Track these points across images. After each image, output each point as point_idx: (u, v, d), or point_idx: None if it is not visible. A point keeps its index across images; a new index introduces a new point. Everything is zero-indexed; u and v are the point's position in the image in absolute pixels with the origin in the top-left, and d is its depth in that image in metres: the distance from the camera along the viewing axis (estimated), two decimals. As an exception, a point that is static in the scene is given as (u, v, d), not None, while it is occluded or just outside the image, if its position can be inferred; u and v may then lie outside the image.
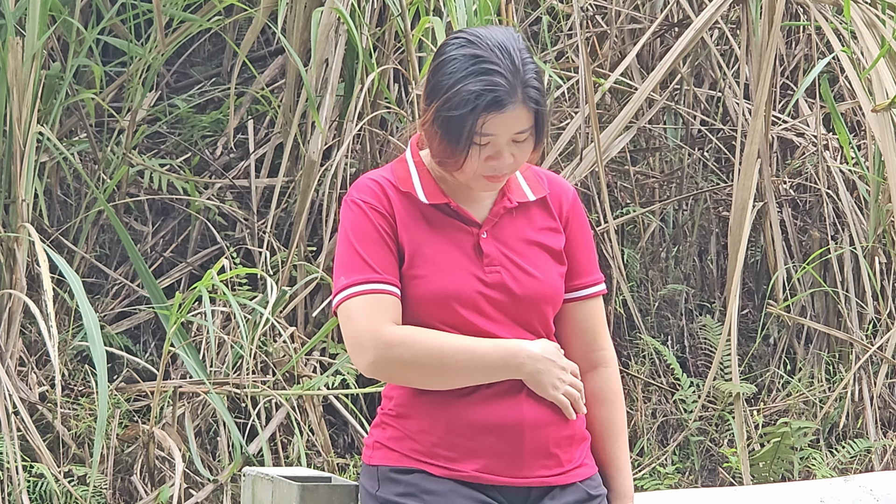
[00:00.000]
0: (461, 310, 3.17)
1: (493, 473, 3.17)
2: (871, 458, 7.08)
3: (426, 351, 3.13)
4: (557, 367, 3.18)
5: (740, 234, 6.83)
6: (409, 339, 3.13)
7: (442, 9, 6.54)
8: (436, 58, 3.19)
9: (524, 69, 3.13)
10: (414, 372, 3.14)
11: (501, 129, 3.13)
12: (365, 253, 3.17)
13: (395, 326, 3.14)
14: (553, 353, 3.19)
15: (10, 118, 6.06)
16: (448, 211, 3.22)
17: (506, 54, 3.13)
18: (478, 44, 3.14)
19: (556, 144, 7.13)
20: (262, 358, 6.32)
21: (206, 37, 7.76)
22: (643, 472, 6.83)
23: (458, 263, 3.19)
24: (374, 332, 3.12)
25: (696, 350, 7.58)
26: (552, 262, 3.26)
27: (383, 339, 3.12)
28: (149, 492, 5.96)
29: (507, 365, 3.15)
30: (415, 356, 3.12)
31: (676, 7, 7.94)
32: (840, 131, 7.28)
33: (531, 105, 3.13)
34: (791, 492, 3.88)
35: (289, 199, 6.94)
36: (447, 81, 3.13)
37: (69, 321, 6.37)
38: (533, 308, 3.22)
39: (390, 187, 3.22)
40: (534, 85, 3.14)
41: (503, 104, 3.11)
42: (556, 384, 3.18)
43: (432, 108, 3.14)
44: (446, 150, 3.15)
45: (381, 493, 3.19)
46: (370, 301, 3.14)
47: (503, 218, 3.25)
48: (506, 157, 3.15)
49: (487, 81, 3.10)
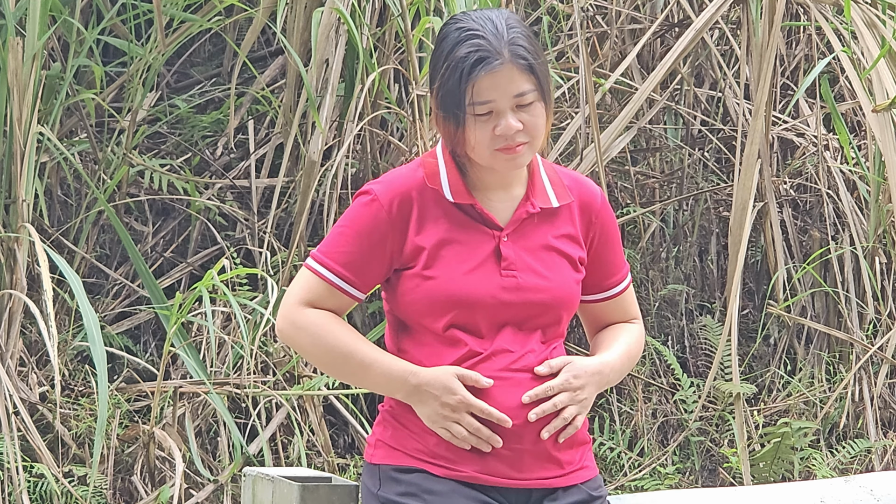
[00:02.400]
0: (473, 313, 3.16)
1: (493, 475, 3.17)
2: (871, 459, 7.08)
3: (322, 346, 3.21)
4: (439, 403, 3.15)
5: (740, 235, 6.83)
6: (313, 327, 3.21)
7: (442, 9, 6.54)
8: (434, 46, 3.22)
9: (508, 31, 3.14)
10: (311, 358, 3.30)
11: (496, 91, 3.12)
12: (350, 246, 3.20)
13: (310, 310, 3.21)
14: (438, 388, 3.15)
15: (10, 118, 6.06)
16: (472, 212, 3.21)
17: (488, 21, 3.15)
18: (464, 19, 3.18)
19: (556, 144, 7.13)
20: (262, 358, 6.32)
21: (206, 37, 7.76)
22: (643, 473, 6.83)
23: (475, 266, 3.18)
24: (292, 308, 3.23)
25: (697, 350, 7.58)
26: (569, 269, 3.25)
27: (292, 317, 3.23)
28: (149, 492, 5.96)
29: (388, 386, 3.20)
30: (313, 345, 3.22)
31: (677, 7, 7.94)
32: (840, 131, 7.28)
33: (520, 62, 3.12)
34: (791, 492, 3.88)
35: (289, 199, 6.94)
36: (440, 59, 3.17)
37: (69, 321, 6.37)
38: (547, 312, 3.21)
39: (418, 185, 3.22)
40: (519, 43, 3.13)
41: (489, 62, 3.10)
42: (434, 418, 3.16)
43: (434, 90, 3.17)
44: (451, 129, 3.15)
45: (382, 492, 3.19)
46: (318, 284, 3.22)
47: (525, 223, 3.23)
48: (511, 122, 3.13)
49: (471, 45, 3.12)
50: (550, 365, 3.18)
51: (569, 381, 3.18)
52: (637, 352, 3.37)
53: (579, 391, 3.19)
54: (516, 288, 3.18)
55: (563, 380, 3.18)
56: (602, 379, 3.24)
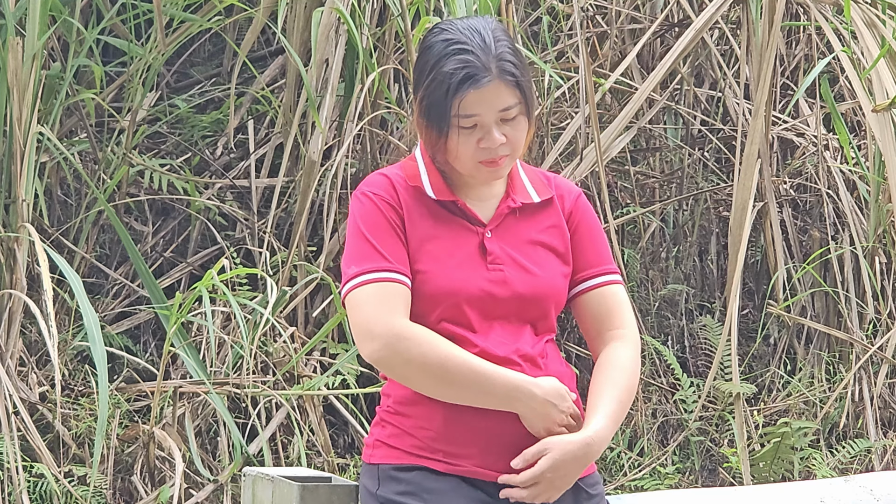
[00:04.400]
0: (463, 306, 3.17)
1: (492, 469, 3.17)
2: (871, 458, 7.08)
3: (433, 354, 3.11)
4: (557, 411, 3.16)
5: (740, 234, 6.83)
6: (419, 336, 3.12)
7: (442, 9, 6.54)
8: (418, 53, 3.22)
9: (496, 45, 3.15)
10: (415, 371, 3.13)
11: (482, 106, 3.13)
12: (377, 242, 3.17)
13: (408, 321, 3.13)
14: (556, 397, 3.16)
15: (10, 118, 6.06)
16: (454, 209, 3.23)
17: (476, 34, 3.15)
18: (450, 29, 3.18)
19: (556, 144, 7.13)
20: (262, 358, 6.32)
21: (206, 37, 7.76)
22: (643, 472, 6.83)
23: (461, 260, 3.20)
24: (386, 321, 3.11)
25: (697, 350, 7.58)
26: (556, 262, 3.27)
27: (394, 330, 3.10)
28: (149, 492, 5.96)
29: (509, 397, 3.13)
30: (421, 355, 3.11)
31: (676, 7, 7.94)
32: (840, 131, 7.28)
33: (507, 78, 3.14)
34: (791, 492, 3.88)
35: (289, 199, 6.94)
36: (425, 70, 3.16)
37: (69, 321, 6.37)
38: (535, 306, 3.23)
39: (400, 182, 3.23)
40: (507, 59, 3.15)
41: (477, 79, 3.11)
42: (551, 428, 3.16)
43: (418, 99, 3.17)
44: (433, 138, 3.17)
45: (381, 491, 3.19)
46: (381, 289, 3.13)
47: (507, 218, 3.26)
48: (496, 136, 3.15)
49: (459, 60, 3.12)
50: (525, 458, 3.12)
51: (544, 474, 3.12)
52: (632, 386, 3.27)
53: (554, 480, 3.13)
54: (503, 282, 3.20)
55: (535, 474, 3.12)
56: (588, 456, 3.16)
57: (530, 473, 3.11)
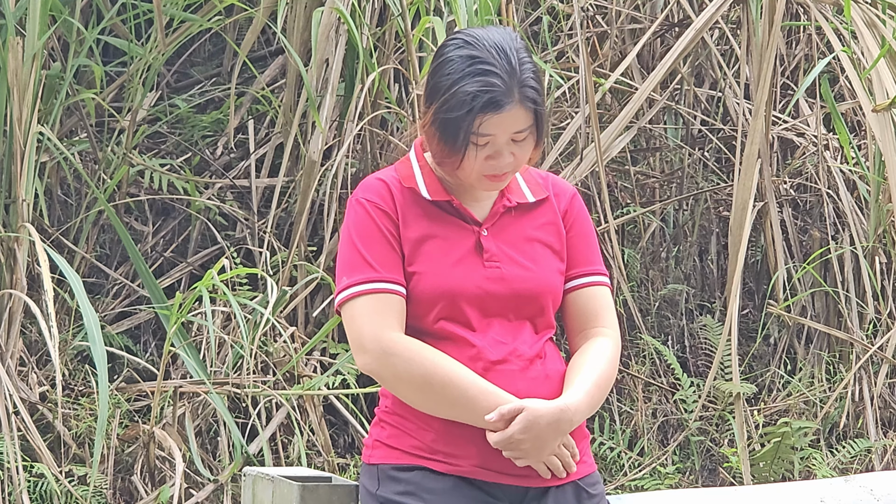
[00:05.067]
0: (461, 305, 3.18)
1: (491, 469, 3.17)
2: (871, 458, 7.08)
3: (419, 370, 3.12)
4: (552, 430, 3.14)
5: (740, 234, 6.83)
6: (407, 352, 3.13)
7: (442, 9, 6.54)
8: (434, 59, 3.21)
9: (521, 69, 3.14)
10: (402, 385, 3.15)
11: (499, 128, 3.14)
12: (368, 252, 3.18)
13: (399, 334, 3.14)
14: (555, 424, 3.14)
15: (10, 118, 6.06)
16: (450, 209, 3.24)
17: (502, 54, 3.14)
18: (475, 45, 3.15)
19: (556, 144, 7.14)
20: (262, 358, 6.32)
21: (206, 37, 7.76)
22: (643, 472, 6.83)
23: (458, 259, 3.20)
24: (375, 335, 3.13)
25: (697, 350, 7.58)
26: (552, 258, 3.28)
27: (382, 344, 3.13)
28: (149, 492, 5.96)
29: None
30: (407, 371, 3.12)
31: (677, 7, 7.94)
32: (840, 131, 7.28)
33: (528, 105, 3.15)
34: (791, 492, 3.88)
35: (289, 199, 6.94)
36: (445, 83, 3.14)
37: (69, 321, 6.37)
38: (532, 302, 3.23)
39: (395, 184, 3.24)
40: (531, 84, 3.15)
41: (500, 105, 3.12)
42: (542, 457, 3.16)
43: (431, 109, 3.16)
44: (444, 151, 3.17)
45: (381, 492, 3.20)
46: (374, 301, 3.15)
47: (503, 217, 3.27)
48: (505, 156, 3.17)
49: (483, 82, 3.11)
50: (501, 412, 3.11)
51: (514, 436, 3.12)
52: (610, 375, 3.26)
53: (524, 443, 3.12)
54: (500, 279, 3.20)
55: (507, 434, 3.12)
56: (560, 423, 3.14)
57: (501, 435, 3.11)
